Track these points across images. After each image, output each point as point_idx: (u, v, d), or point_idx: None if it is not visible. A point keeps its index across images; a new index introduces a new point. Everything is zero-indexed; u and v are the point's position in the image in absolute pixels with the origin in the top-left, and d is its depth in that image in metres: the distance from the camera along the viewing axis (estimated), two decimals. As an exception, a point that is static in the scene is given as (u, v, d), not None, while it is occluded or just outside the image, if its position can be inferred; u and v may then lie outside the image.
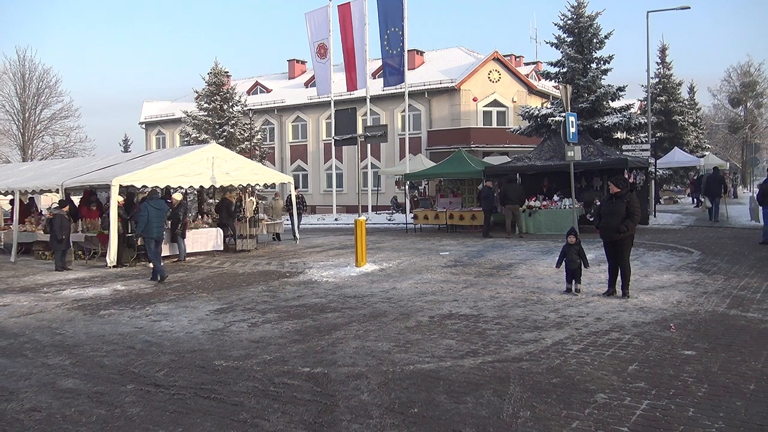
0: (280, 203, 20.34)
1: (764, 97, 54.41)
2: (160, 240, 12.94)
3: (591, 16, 24.91)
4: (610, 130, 24.60)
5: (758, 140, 53.45)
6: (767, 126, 56.12)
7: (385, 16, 28.50)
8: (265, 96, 43.88)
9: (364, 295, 10.09)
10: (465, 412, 4.84)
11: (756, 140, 52.07)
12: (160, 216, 12.87)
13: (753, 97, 53.48)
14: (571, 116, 14.92)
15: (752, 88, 53.06)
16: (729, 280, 10.37)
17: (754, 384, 5.30)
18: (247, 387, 5.63)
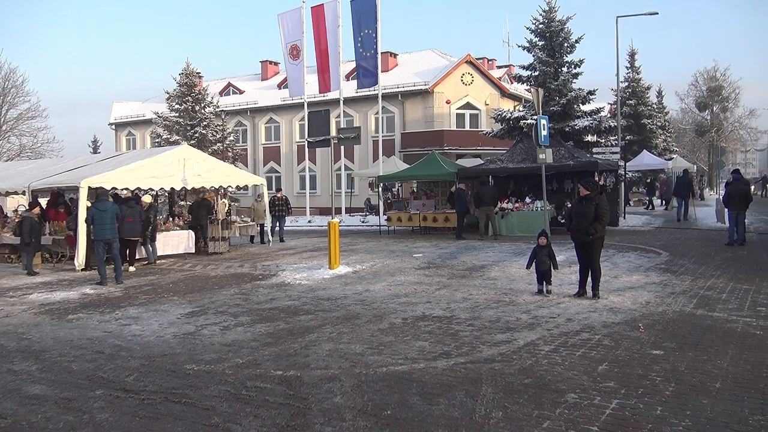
0: (264, 205, 20.03)
1: (729, 102, 55.61)
2: (111, 242, 12.63)
3: (562, 21, 25.20)
4: (580, 133, 24.91)
5: (724, 143, 54.61)
6: (732, 130, 57.38)
7: (359, 18, 28.51)
8: (237, 97, 43.52)
9: (337, 297, 10.06)
10: (438, 414, 4.86)
11: (722, 143, 53.19)
12: (106, 218, 12.46)
13: (719, 101, 54.59)
14: (542, 119, 15.08)
15: (718, 92, 54.17)
16: (696, 280, 10.58)
17: (720, 382, 5.41)
18: (219, 391, 5.58)
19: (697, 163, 53.17)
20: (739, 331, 7.15)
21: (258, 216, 20.04)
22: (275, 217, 20.53)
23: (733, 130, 57.62)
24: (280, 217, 20.83)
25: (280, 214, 20.84)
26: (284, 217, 21.16)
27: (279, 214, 20.74)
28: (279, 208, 20.74)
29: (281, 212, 20.87)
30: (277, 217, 20.63)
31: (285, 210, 21.19)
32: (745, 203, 15.68)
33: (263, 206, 19.87)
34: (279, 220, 20.73)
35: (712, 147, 51.98)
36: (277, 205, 20.72)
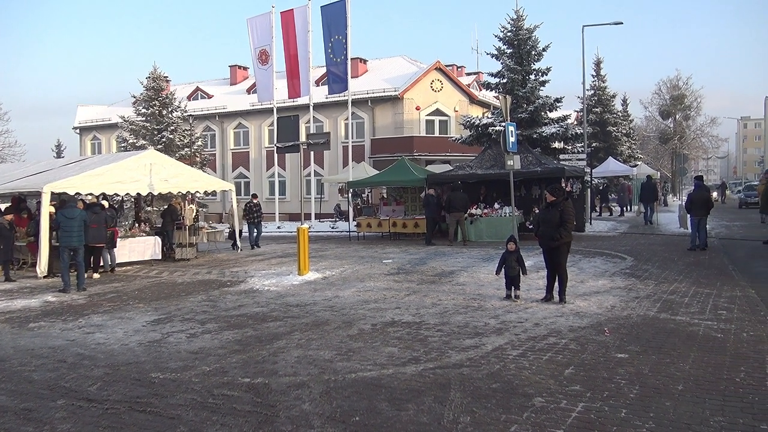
0: (239, 211, 19.77)
1: (692, 110, 56.98)
2: (77, 249, 12.35)
3: (530, 29, 25.54)
4: (548, 139, 25.24)
5: (686, 151, 55.90)
6: (695, 137, 58.77)
7: (329, 24, 28.51)
8: (206, 102, 43.10)
9: (306, 303, 10.01)
10: (406, 419, 4.86)
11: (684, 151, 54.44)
12: (73, 225, 12.20)
13: (681, 109, 55.90)
14: (510, 126, 15.25)
15: (680, 101, 55.47)
16: (659, 285, 10.79)
17: (682, 384, 5.52)
18: (185, 399, 5.49)
19: (661, 169, 54.25)
20: (701, 334, 7.31)
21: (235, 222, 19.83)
22: (252, 223, 20.27)
23: (695, 138, 59.03)
24: (258, 223, 20.57)
25: (258, 220, 20.58)
26: (261, 223, 20.89)
27: (257, 221, 20.49)
28: (256, 214, 20.49)
29: (258, 218, 20.61)
30: (254, 224, 20.36)
31: (260, 216, 20.96)
32: (706, 209, 16.07)
33: (239, 212, 19.70)
34: (256, 226, 20.47)
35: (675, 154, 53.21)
36: (254, 211, 20.47)
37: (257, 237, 20.51)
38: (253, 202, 20.89)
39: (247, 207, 20.46)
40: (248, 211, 20.30)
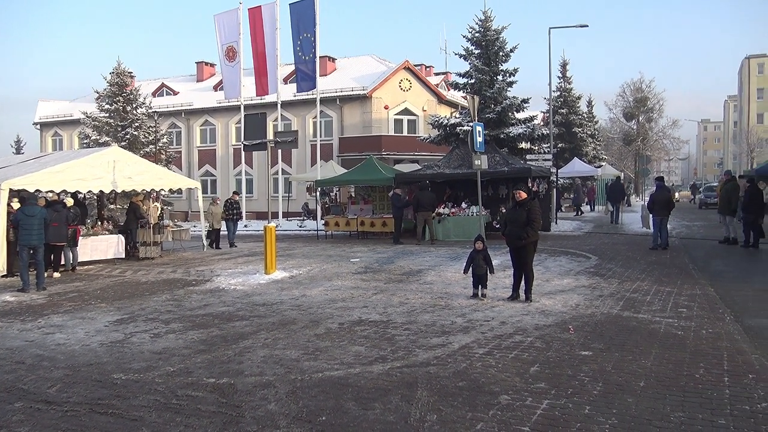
0: (219, 208, 19.37)
1: (654, 112, 58.23)
2: (37, 248, 12.04)
3: (497, 30, 25.78)
4: (514, 140, 25.51)
5: (649, 152, 57.13)
6: (657, 139, 60.05)
7: (298, 21, 28.35)
8: (171, 98, 42.47)
9: (273, 302, 9.93)
10: (373, 419, 4.85)
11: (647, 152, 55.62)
12: (33, 223, 11.89)
13: (644, 111, 57.09)
14: (478, 126, 15.37)
15: (644, 103, 56.64)
16: (622, 283, 10.99)
17: (644, 381, 5.63)
18: (148, 400, 5.39)
19: (625, 170, 55.34)
20: (662, 331, 7.45)
21: (216, 220, 19.40)
22: (230, 220, 19.94)
23: (658, 140, 60.34)
24: (235, 221, 20.28)
25: (237, 218, 20.27)
26: (237, 221, 20.59)
27: (235, 218, 20.19)
28: (235, 212, 20.18)
29: (237, 216, 20.31)
30: (232, 221, 20.04)
31: (238, 214, 20.61)
32: (668, 209, 16.41)
33: (220, 209, 19.32)
34: (233, 224, 20.18)
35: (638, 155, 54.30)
36: (234, 208, 20.15)
37: (233, 235, 20.22)
38: (234, 199, 20.58)
39: (228, 204, 20.07)
40: (228, 208, 19.91)
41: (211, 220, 19.50)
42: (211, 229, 19.62)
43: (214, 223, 19.45)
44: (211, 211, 19.59)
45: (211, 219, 19.53)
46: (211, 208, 19.64)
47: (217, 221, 19.39)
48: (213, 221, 19.46)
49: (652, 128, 58.76)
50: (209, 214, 19.64)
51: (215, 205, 19.68)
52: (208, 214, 19.68)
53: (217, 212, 19.36)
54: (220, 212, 19.33)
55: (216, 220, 19.38)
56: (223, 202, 20.69)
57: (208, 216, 19.64)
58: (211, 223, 19.49)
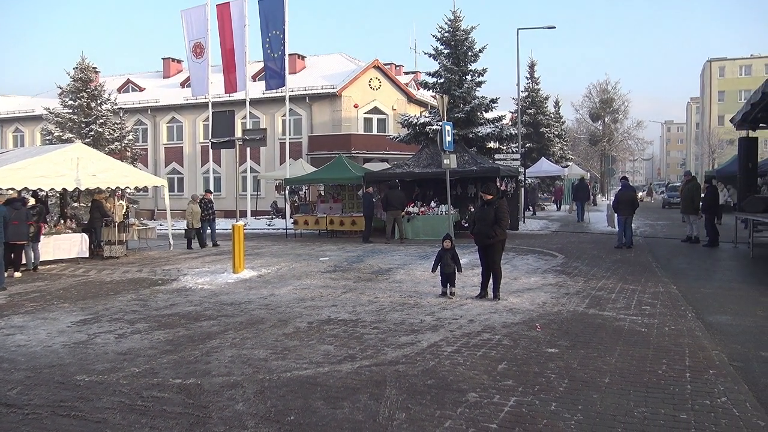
0: (198, 207, 18.78)
1: (619, 113, 59.28)
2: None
3: (466, 30, 25.92)
4: (483, 139, 25.71)
5: (614, 152, 58.19)
6: (622, 140, 61.15)
7: (266, 18, 28.12)
8: (137, 95, 41.78)
9: (241, 302, 9.84)
10: (341, 417, 4.84)
11: (612, 152, 56.64)
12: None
13: (610, 112, 58.10)
14: (447, 125, 15.45)
15: (609, 104, 57.63)
16: (588, 281, 11.16)
17: (609, 378, 5.72)
18: (112, 402, 5.30)
19: (591, 170, 56.17)
20: (626, 328, 7.59)
21: (196, 219, 18.86)
22: (205, 220, 19.43)
23: (623, 140, 61.47)
24: (212, 220, 19.81)
25: (212, 217, 19.79)
26: (214, 220, 20.06)
27: (211, 217, 19.72)
28: (210, 211, 19.71)
29: (212, 215, 19.82)
30: (208, 221, 19.58)
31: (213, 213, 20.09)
32: (632, 209, 16.74)
33: (199, 209, 18.85)
34: (210, 223, 19.72)
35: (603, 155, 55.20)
36: (208, 207, 19.67)
37: (212, 235, 19.75)
38: (208, 198, 20.13)
39: (202, 204, 19.51)
40: (203, 209, 19.35)
41: (191, 219, 18.92)
42: (189, 228, 18.99)
43: (194, 222, 18.96)
44: (191, 210, 18.95)
45: (190, 218, 18.92)
46: (191, 207, 19.02)
47: (197, 220, 18.84)
48: (192, 220, 18.87)
49: (617, 129, 59.83)
50: (189, 212, 19.01)
51: (195, 203, 19.07)
52: (188, 212, 19.06)
53: (197, 211, 18.82)
54: (198, 211, 18.82)
55: (196, 219, 18.81)
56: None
57: (187, 215, 19.03)
58: (191, 222, 18.93)
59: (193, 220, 18.79)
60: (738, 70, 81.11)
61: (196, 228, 18.96)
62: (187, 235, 19.05)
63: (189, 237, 18.98)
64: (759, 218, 14.21)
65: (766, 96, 12.10)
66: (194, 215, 18.79)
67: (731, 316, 8.40)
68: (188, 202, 19.84)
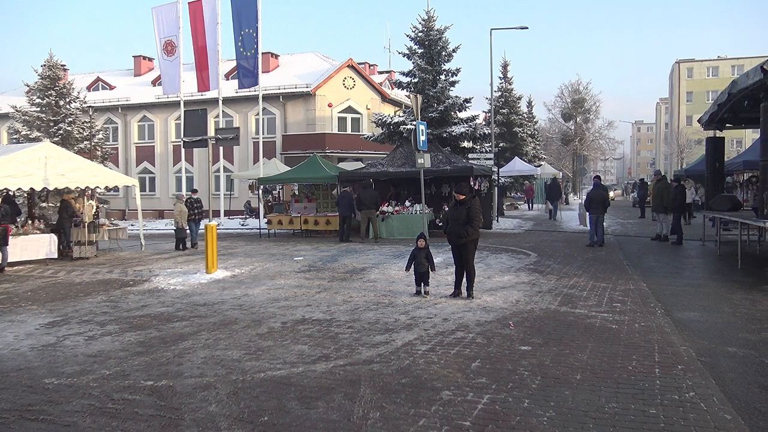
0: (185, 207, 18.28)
1: (591, 113, 60.06)
2: None
3: (440, 30, 25.98)
4: (457, 139, 25.80)
5: (586, 152, 58.94)
6: (594, 139, 61.97)
7: (239, 16, 27.89)
8: (107, 93, 41.11)
9: (214, 302, 9.75)
10: (316, 417, 4.83)
11: (584, 152, 57.38)
12: None
13: (582, 112, 58.82)
14: (421, 125, 15.49)
15: (581, 104, 58.36)
16: (560, 279, 11.29)
17: (580, 374, 5.80)
18: (82, 405, 5.21)
19: (563, 169, 56.83)
20: (598, 325, 7.70)
21: (183, 219, 18.37)
22: (192, 220, 18.93)
23: (594, 140, 62.27)
24: (197, 221, 19.40)
25: (199, 217, 19.32)
26: (200, 220, 19.56)
27: (197, 218, 19.26)
28: (197, 211, 19.23)
29: (199, 215, 19.40)
30: (194, 221, 19.13)
31: (201, 213, 19.54)
32: (603, 207, 16.97)
33: (185, 208, 18.42)
34: (195, 223, 19.15)
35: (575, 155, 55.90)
36: (195, 207, 19.19)
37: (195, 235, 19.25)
38: (193, 197, 19.64)
39: (188, 203, 19.00)
40: (190, 208, 18.84)
41: (180, 219, 18.37)
42: (179, 227, 18.46)
43: (183, 222, 18.36)
44: (179, 209, 18.41)
45: (179, 218, 18.42)
46: (179, 206, 18.53)
47: (184, 220, 18.37)
48: (181, 220, 18.33)
49: (588, 129, 60.59)
50: (177, 212, 18.53)
51: (181, 203, 18.58)
52: (176, 212, 18.61)
53: (185, 210, 18.34)
54: (186, 210, 18.36)
55: (184, 218, 18.33)
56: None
57: (176, 215, 18.58)
58: (180, 222, 18.35)
59: (182, 219, 18.35)
60: (705, 72, 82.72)
61: (183, 228, 18.47)
62: (178, 236, 18.54)
63: (180, 237, 18.45)
64: (726, 216, 14.51)
65: (732, 97, 12.36)
66: (182, 215, 18.33)
67: (699, 313, 8.57)
68: (174, 202, 19.34)
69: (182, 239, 18.37)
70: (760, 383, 5.62)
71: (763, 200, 10.98)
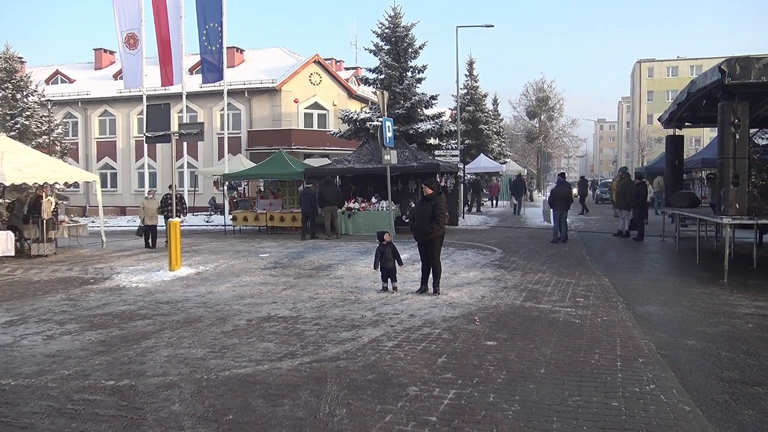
0: (155, 203, 17.74)
1: (555, 111, 60.82)
2: None
3: (407, 27, 26.01)
4: (423, 135, 25.89)
5: (550, 149, 59.68)
6: (557, 137, 62.78)
7: (204, 10, 27.48)
8: (67, 87, 40.10)
9: (177, 300, 9.61)
10: (282, 415, 4.79)
11: (548, 149, 58.10)
12: None
13: (546, 110, 59.51)
14: (387, 121, 15.48)
15: (545, 102, 59.04)
16: (525, 275, 11.42)
17: (544, 368, 5.87)
18: (40, 406, 5.08)
19: (528, 167, 57.45)
20: (561, 320, 7.81)
21: (150, 216, 17.95)
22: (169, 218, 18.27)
23: (558, 138, 63.05)
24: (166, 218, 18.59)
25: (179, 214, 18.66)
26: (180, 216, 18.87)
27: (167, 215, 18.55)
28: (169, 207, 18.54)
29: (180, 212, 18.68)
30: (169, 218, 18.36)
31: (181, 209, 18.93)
32: (567, 204, 17.23)
33: (156, 205, 17.92)
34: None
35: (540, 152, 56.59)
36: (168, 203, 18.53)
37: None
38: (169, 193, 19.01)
39: (164, 199, 18.41)
40: (165, 204, 18.18)
41: (143, 215, 17.92)
42: (141, 225, 18.00)
43: (146, 219, 17.80)
44: (143, 206, 17.95)
45: (142, 214, 18.03)
46: (144, 203, 18.02)
47: (150, 217, 17.85)
48: (144, 216, 17.82)
49: (553, 126, 61.34)
50: (142, 208, 18.05)
51: (152, 200, 18.03)
52: (141, 209, 18.11)
53: (150, 207, 17.84)
54: (154, 207, 17.84)
55: (148, 215, 17.83)
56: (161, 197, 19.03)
57: (140, 211, 18.06)
58: (144, 221, 17.86)
59: (145, 216, 17.85)
60: (665, 71, 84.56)
61: (148, 225, 17.85)
62: (139, 233, 18.08)
63: (142, 234, 17.98)
64: (685, 213, 14.87)
65: (691, 96, 12.65)
66: (146, 211, 17.83)
67: (659, 307, 8.76)
68: (143, 197, 18.74)
69: (146, 236, 17.95)
70: (718, 375, 5.78)
71: (720, 197, 11.26)
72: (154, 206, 17.88)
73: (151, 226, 17.85)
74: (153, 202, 17.96)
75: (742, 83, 10.14)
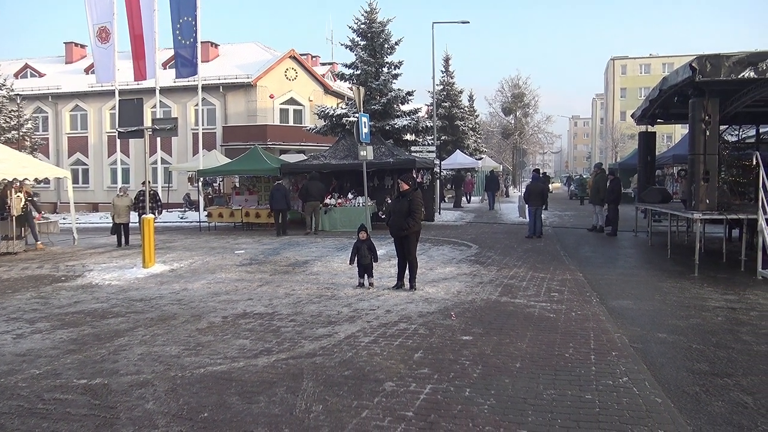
0: (126, 201, 17.31)
1: (530, 108, 61.24)
2: None
3: (383, 23, 25.99)
4: (399, 131, 25.91)
5: (525, 146, 60.18)
6: (533, 133, 63.25)
7: (177, 3, 27.11)
8: (37, 81, 39.31)
9: (151, 297, 9.49)
10: (257, 412, 4.76)
11: (524, 146, 58.58)
12: None
13: (521, 107, 59.90)
14: (363, 117, 15.49)
15: (520, 99, 59.41)
16: (501, 270, 11.50)
17: (520, 362, 5.92)
18: (10, 407, 4.98)
19: (503, 163, 57.85)
20: (536, 315, 7.88)
21: (120, 214, 17.46)
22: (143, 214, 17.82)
23: (533, 134, 63.50)
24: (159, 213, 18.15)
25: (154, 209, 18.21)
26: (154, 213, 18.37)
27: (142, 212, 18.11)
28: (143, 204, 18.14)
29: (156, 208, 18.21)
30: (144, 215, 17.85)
31: (157, 206, 18.54)
32: (542, 200, 17.38)
33: (127, 203, 17.49)
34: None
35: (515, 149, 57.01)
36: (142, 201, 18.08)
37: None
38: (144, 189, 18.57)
39: (138, 196, 18.05)
40: (138, 200, 17.88)
41: (115, 213, 17.48)
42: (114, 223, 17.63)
43: (116, 217, 17.45)
44: (113, 203, 17.58)
45: (114, 211, 17.55)
46: (115, 200, 17.61)
47: (119, 214, 17.47)
48: (114, 214, 17.47)
49: (528, 123, 61.74)
50: (112, 206, 17.67)
51: (123, 197, 17.62)
52: (111, 206, 17.69)
53: (120, 204, 17.44)
54: (124, 205, 17.45)
55: (118, 213, 17.45)
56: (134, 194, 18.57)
57: (112, 209, 17.67)
58: (115, 218, 17.47)
59: (115, 213, 17.46)
60: (638, 69, 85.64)
61: (118, 223, 17.48)
62: (112, 231, 17.74)
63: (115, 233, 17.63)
64: (657, 208, 15.09)
65: (663, 93, 12.83)
66: (116, 209, 17.43)
67: (632, 301, 8.89)
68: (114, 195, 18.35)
69: (119, 235, 17.62)
70: (689, 367, 5.88)
71: (691, 193, 11.45)
72: (124, 204, 17.49)
73: (123, 224, 17.50)
74: (124, 200, 17.56)
75: (713, 80, 10.30)
